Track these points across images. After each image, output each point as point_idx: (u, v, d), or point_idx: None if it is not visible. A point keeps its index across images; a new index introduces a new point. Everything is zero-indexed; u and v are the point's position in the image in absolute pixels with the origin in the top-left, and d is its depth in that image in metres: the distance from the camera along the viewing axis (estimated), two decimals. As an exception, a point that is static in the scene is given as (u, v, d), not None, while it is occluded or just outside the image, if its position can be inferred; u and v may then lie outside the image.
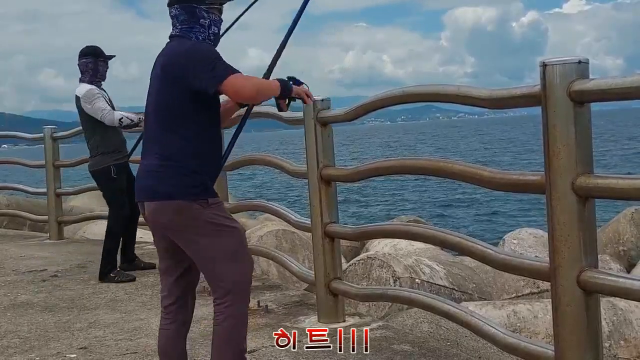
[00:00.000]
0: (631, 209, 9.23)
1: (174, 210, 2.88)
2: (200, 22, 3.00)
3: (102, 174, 6.19)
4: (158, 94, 2.96)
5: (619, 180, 2.62)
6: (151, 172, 2.95)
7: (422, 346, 4.03)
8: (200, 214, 2.89)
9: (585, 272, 2.71)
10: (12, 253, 8.03)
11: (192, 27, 2.99)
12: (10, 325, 4.90)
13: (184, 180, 2.88)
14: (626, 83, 2.54)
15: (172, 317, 3.13)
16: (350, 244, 9.85)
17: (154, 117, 2.98)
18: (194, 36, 2.99)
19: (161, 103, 2.94)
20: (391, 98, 3.87)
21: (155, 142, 2.96)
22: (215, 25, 3.06)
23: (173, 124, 2.90)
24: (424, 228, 4.16)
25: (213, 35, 3.05)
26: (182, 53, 2.89)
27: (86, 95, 6.03)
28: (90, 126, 6.17)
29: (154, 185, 2.92)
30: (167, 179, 2.89)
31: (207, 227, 2.91)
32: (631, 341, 5.27)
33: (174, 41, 3.02)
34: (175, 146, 2.89)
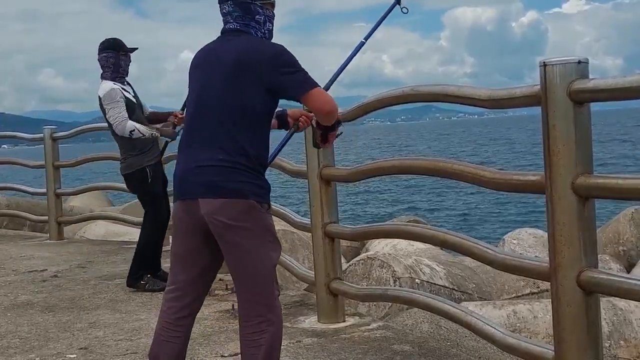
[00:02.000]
0: (631, 209, 9.23)
1: (243, 209, 2.73)
2: (255, 18, 2.91)
3: (136, 177, 5.73)
4: (228, 88, 2.79)
5: (619, 180, 2.63)
6: (213, 167, 2.74)
7: (422, 346, 4.03)
8: (264, 218, 2.80)
9: (585, 272, 2.71)
10: (12, 253, 8.03)
11: (248, 24, 2.90)
12: (10, 326, 4.90)
13: (254, 179, 2.77)
14: (626, 83, 2.54)
15: (183, 331, 2.97)
16: (350, 244, 9.84)
17: (217, 110, 2.79)
18: (253, 32, 2.90)
19: (232, 98, 2.78)
20: (391, 98, 3.88)
21: (216, 138, 2.77)
22: (270, 21, 2.97)
23: (242, 121, 2.77)
24: (424, 228, 4.16)
25: (268, 31, 2.97)
26: (269, 53, 2.79)
27: (106, 97, 5.58)
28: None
29: (220, 181, 2.73)
30: (237, 176, 2.73)
31: (265, 235, 2.81)
32: (631, 341, 5.27)
33: (239, 37, 2.88)
34: (244, 144, 2.76)
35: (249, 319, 2.82)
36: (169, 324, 2.94)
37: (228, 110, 2.78)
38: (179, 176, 2.87)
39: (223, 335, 4.40)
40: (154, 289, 5.65)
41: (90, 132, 9.22)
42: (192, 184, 2.78)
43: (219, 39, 2.96)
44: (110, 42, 5.75)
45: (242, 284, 2.83)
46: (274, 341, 2.82)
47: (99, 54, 5.71)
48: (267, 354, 2.80)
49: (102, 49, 5.70)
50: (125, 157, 5.72)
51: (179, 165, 2.89)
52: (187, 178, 2.81)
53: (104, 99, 5.58)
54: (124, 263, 7.01)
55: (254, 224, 2.76)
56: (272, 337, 2.81)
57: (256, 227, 2.77)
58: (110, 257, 7.46)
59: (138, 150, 5.66)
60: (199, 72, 2.93)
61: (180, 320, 2.95)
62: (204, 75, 2.90)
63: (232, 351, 4.04)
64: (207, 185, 2.74)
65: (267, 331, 2.79)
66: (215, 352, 4.08)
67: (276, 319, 2.83)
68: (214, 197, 2.73)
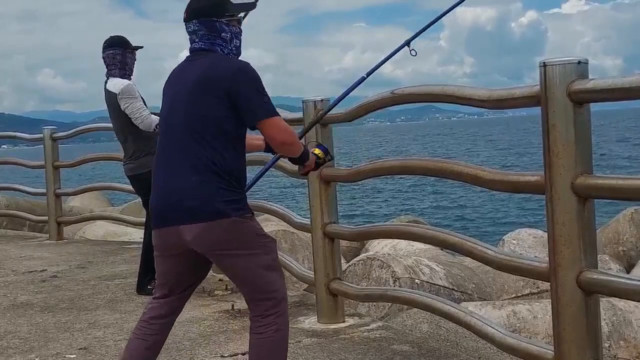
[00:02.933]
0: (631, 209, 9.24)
1: (227, 228, 2.74)
2: (222, 36, 2.88)
3: (144, 178, 5.42)
4: (193, 106, 2.77)
5: (619, 180, 2.63)
6: (190, 190, 2.73)
7: (421, 346, 4.03)
8: (250, 227, 2.81)
9: (585, 272, 2.71)
10: (12, 253, 8.02)
11: (213, 42, 2.87)
12: (9, 326, 4.90)
13: (231, 195, 2.76)
14: (625, 83, 2.54)
15: (156, 330, 2.97)
16: (350, 245, 9.84)
17: (185, 131, 2.77)
18: (219, 49, 2.88)
19: (198, 116, 2.76)
20: (391, 98, 3.88)
21: (187, 159, 2.76)
22: (237, 37, 2.94)
23: (210, 140, 2.74)
24: (424, 228, 4.16)
25: (235, 48, 2.94)
26: (232, 70, 2.77)
27: (124, 91, 5.40)
28: (126, 125, 5.49)
29: (199, 205, 2.72)
30: (215, 196, 2.72)
31: (256, 241, 2.83)
32: (631, 341, 5.28)
33: (204, 56, 2.86)
34: (215, 162, 2.74)
35: (255, 313, 2.89)
36: (143, 323, 2.99)
37: (194, 130, 2.77)
38: (156, 202, 2.85)
39: (223, 335, 4.40)
40: None
41: (90, 132, 9.22)
42: (172, 211, 2.77)
43: (186, 59, 2.95)
44: (115, 39, 5.63)
45: (245, 290, 2.91)
46: (282, 333, 2.92)
47: (104, 51, 5.59)
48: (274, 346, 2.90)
49: (108, 46, 5.58)
50: (135, 156, 5.55)
51: (156, 189, 2.87)
52: (166, 204, 2.80)
53: (121, 94, 5.40)
54: (123, 263, 7.02)
55: (241, 237, 2.79)
56: (279, 330, 2.90)
57: (244, 239, 2.80)
58: (110, 258, 7.46)
59: (148, 151, 5.50)
60: (169, 91, 2.94)
61: (155, 319, 2.98)
62: (171, 94, 2.90)
63: (232, 351, 4.04)
64: (188, 211, 2.73)
65: (273, 323, 2.88)
66: (215, 352, 4.08)
67: (282, 311, 2.91)
68: (197, 222, 2.73)
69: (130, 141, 5.53)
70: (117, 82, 5.47)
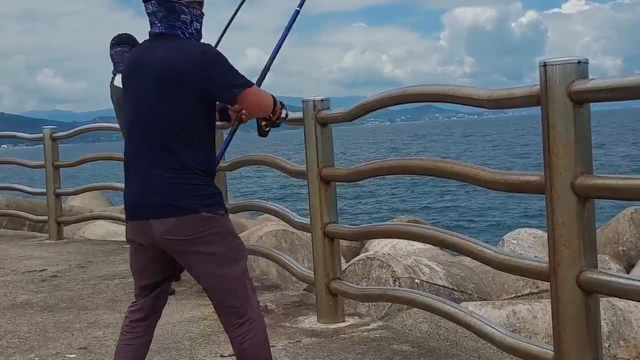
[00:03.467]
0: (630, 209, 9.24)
1: (198, 224, 2.71)
2: (181, 18, 2.80)
3: None
4: (159, 99, 2.72)
5: (618, 180, 2.63)
6: (161, 186, 2.71)
7: (421, 346, 4.03)
8: (221, 224, 2.78)
9: (585, 272, 2.71)
10: (12, 253, 8.02)
11: (173, 25, 2.80)
12: (9, 325, 4.90)
13: (202, 190, 2.73)
14: (625, 83, 2.54)
15: (140, 332, 2.93)
16: (350, 244, 9.85)
17: (150, 124, 2.74)
18: (180, 32, 2.80)
19: (164, 109, 2.71)
20: (391, 98, 3.87)
21: (155, 153, 2.72)
22: (197, 20, 2.86)
23: (180, 131, 2.71)
24: (424, 228, 4.16)
25: (195, 31, 2.85)
26: (196, 56, 2.71)
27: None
28: None
29: (170, 200, 2.69)
30: (186, 192, 2.70)
31: (228, 238, 2.80)
32: (630, 341, 5.28)
33: (164, 41, 2.79)
34: (186, 157, 2.71)
35: (229, 323, 2.83)
36: (126, 327, 2.95)
37: (163, 125, 2.73)
38: (128, 197, 2.84)
39: (222, 335, 4.39)
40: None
41: (90, 132, 9.22)
42: (143, 206, 2.76)
43: (146, 44, 2.89)
44: (124, 36, 5.68)
45: (215, 292, 2.83)
46: (259, 337, 2.85)
47: (111, 48, 5.64)
48: (255, 351, 2.84)
49: (116, 43, 5.63)
50: None
51: (128, 185, 2.85)
52: (136, 199, 2.79)
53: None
54: (123, 263, 7.01)
55: (211, 233, 2.75)
56: (256, 335, 2.84)
57: (215, 235, 2.76)
58: (110, 257, 7.46)
59: None
60: (132, 84, 2.87)
61: (137, 322, 2.94)
62: (136, 88, 2.83)
63: (231, 351, 4.02)
64: (158, 206, 2.71)
65: (250, 330, 2.82)
66: (215, 352, 4.08)
67: (256, 316, 2.84)
68: (166, 217, 2.70)
69: None
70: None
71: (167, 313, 5.00)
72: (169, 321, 4.78)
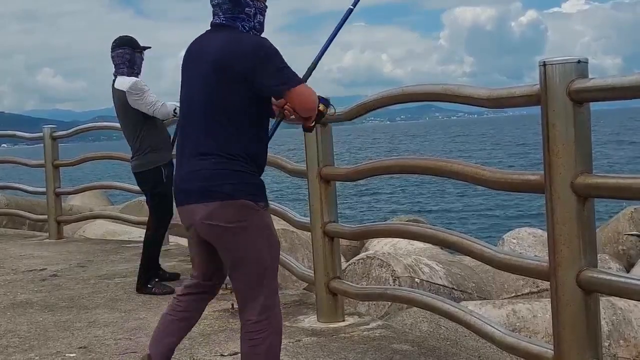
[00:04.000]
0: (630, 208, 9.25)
1: (237, 210, 2.74)
2: (245, 11, 2.86)
3: (152, 175, 5.60)
4: (210, 89, 2.78)
5: (618, 179, 2.63)
6: (205, 171, 2.76)
7: (421, 345, 4.03)
8: (260, 216, 2.79)
9: (585, 271, 2.71)
10: (12, 252, 8.02)
11: (235, 17, 2.85)
12: (9, 325, 4.90)
13: (245, 179, 2.76)
14: (625, 82, 2.54)
15: (184, 307, 3.00)
16: (350, 244, 9.85)
17: (201, 112, 2.80)
18: (240, 26, 2.85)
19: (215, 99, 2.77)
20: (390, 97, 3.88)
21: (204, 140, 2.78)
22: (261, 13, 2.91)
23: (227, 120, 2.76)
24: (424, 227, 4.16)
25: (258, 24, 2.91)
26: (248, 49, 2.74)
27: (133, 87, 5.45)
28: (135, 122, 5.56)
29: (212, 185, 2.73)
30: (227, 178, 2.73)
31: (261, 232, 2.81)
32: (631, 341, 5.28)
33: (222, 32, 2.84)
34: (232, 145, 2.75)
35: (245, 317, 2.84)
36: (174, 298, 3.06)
37: (212, 113, 2.78)
38: (176, 183, 2.90)
39: (223, 334, 4.40)
40: (163, 292, 5.59)
41: (90, 131, 9.22)
42: (187, 191, 2.82)
43: (205, 34, 2.94)
44: (125, 39, 5.71)
45: (240, 283, 2.85)
46: (275, 339, 2.85)
47: (113, 50, 5.66)
48: (268, 351, 2.82)
49: (117, 46, 5.65)
50: (141, 153, 5.62)
51: (176, 171, 2.93)
52: (182, 185, 2.85)
53: (131, 90, 5.47)
54: (123, 262, 7.02)
55: (249, 223, 2.77)
56: (272, 334, 2.83)
57: (251, 226, 2.78)
58: (110, 256, 7.46)
59: (155, 147, 5.63)
60: (186, 73, 2.94)
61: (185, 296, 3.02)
62: (189, 76, 2.91)
63: (231, 350, 4.04)
64: (200, 191, 2.76)
65: (263, 330, 2.81)
66: (215, 352, 4.08)
67: (275, 316, 2.85)
68: (207, 202, 2.75)
69: (138, 138, 5.61)
70: (125, 80, 5.55)
71: (167, 312, 5.01)
72: (169, 320, 4.78)
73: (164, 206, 5.76)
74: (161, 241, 5.87)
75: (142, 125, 5.56)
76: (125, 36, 5.76)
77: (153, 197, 5.77)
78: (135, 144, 5.63)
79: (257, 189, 2.81)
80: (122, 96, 5.53)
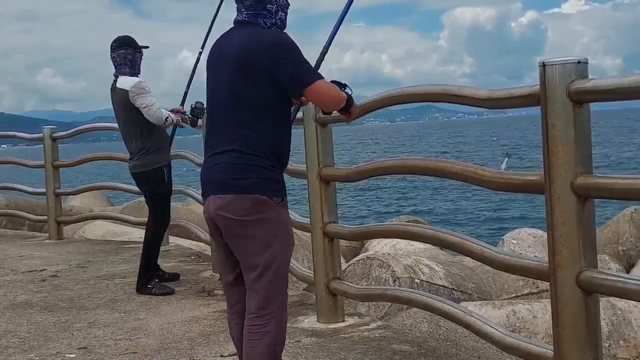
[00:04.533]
0: (630, 209, 9.24)
1: (250, 204, 2.77)
2: (267, 7, 2.90)
3: (153, 175, 5.63)
4: (232, 85, 2.83)
5: (618, 180, 2.63)
6: (224, 164, 2.82)
7: (421, 346, 4.03)
8: (275, 212, 2.82)
9: (585, 272, 2.71)
10: (11, 253, 8.02)
11: (258, 13, 2.89)
12: (9, 325, 4.90)
13: (262, 174, 2.79)
14: (625, 83, 2.54)
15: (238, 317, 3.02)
16: (350, 244, 9.85)
17: (225, 108, 2.85)
18: (262, 22, 2.88)
19: (236, 94, 2.82)
20: (390, 98, 3.87)
21: (228, 135, 2.83)
22: (282, 10, 2.96)
23: (250, 116, 2.80)
24: (423, 228, 4.16)
25: (280, 20, 2.95)
26: (266, 45, 2.77)
27: (136, 87, 5.49)
28: (139, 122, 5.57)
29: (229, 178, 2.79)
30: (244, 172, 2.78)
31: (278, 228, 2.83)
32: (630, 341, 5.28)
33: (246, 29, 2.88)
34: (252, 139, 2.79)
35: (251, 311, 2.87)
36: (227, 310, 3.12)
37: (234, 108, 2.83)
38: (202, 175, 2.97)
39: (222, 335, 4.40)
40: (163, 292, 5.59)
41: (90, 132, 9.22)
42: (208, 183, 2.88)
43: (228, 31, 2.98)
44: (126, 39, 5.74)
45: (249, 277, 2.87)
46: (277, 334, 2.87)
47: (114, 50, 5.67)
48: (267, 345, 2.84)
49: (119, 46, 5.67)
50: (142, 153, 5.63)
51: (203, 164, 3.00)
52: (206, 177, 2.92)
53: (133, 90, 5.50)
54: (123, 263, 7.02)
55: (261, 218, 2.80)
56: (275, 329, 2.86)
57: (264, 221, 2.80)
58: (110, 257, 7.46)
59: (157, 147, 5.66)
60: (210, 70, 2.99)
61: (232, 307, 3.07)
62: (213, 72, 2.95)
63: (231, 351, 4.03)
64: (218, 183, 2.83)
65: (267, 324, 2.84)
66: (215, 352, 4.08)
67: (279, 312, 2.88)
68: (223, 194, 2.81)
69: (139, 138, 5.62)
70: (128, 79, 5.57)
71: (167, 313, 5.01)
72: (169, 321, 4.78)
73: (164, 206, 5.78)
74: (160, 241, 5.88)
75: (146, 125, 5.58)
76: (125, 36, 5.77)
77: (153, 197, 5.78)
78: (138, 144, 5.64)
79: (274, 185, 2.84)
80: (124, 95, 5.55)
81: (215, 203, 2.83)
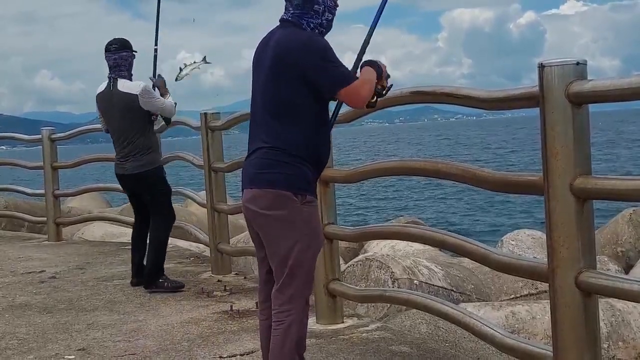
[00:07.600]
0: (629, 210, 9.24)
1: (273, 199, 2.83)
2: (314, 8, 2.93)
3: (154, 174, 5.71)
4: (266, 84, 2.90)
5: (617, 181, 2.63)
6: (256, 159, 2.91)
7: (420, 347, 4.03)
8: (298, 209, 2.84)
9: (584, 273, 2.71)
10: (10, 254, 8.01)
11: (305, 13, 2.92)
12: (8, 327, 4.90)
13: (288, 170, 2.84)
14: (624, 84, 2.54)
15: (266, 314, 3.08)
16: (349, 245, 9.83)
17: (261, 105, 2.93)
18: (305, 22, 2.92)
19: (269, 93, 2.89)
20: (390, 99, 3.87)
21: (261, 131, 2.92)
22: (330, 11, 2.98)
23: (281, 113, 2.86)
24: (423, 229, 4.16)
25: (326, 21, 2.97)
26: (299, 46, 2.83)
27: (146, 92, 5.59)
28: (142, 123, 5.66)
29: (256, 172, 2.88)
30: (271, 167, 2.85)
31: (297, 226, 2.86)
32: (629, 342, 5.28)
33: (285, 29, 2.94)
34: (286, 136, 2.85)
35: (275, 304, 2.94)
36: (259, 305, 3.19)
37: (269, 106, 2.90)
38: (242, 169, 3.06)
39: (222, 336, 4.39)
40: (174, 286, 5.67)
41: (88, 133, 9.21)
42: (243, 177, 2.99)
43: (272, 30, 3.02)
44: (125, 41, 5.79)
45: (275, 272, 2.94)
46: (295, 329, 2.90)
47: (115, 52, 5.68)
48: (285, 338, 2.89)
49: (121, 48, 5.70)
50: (143, 153, 5.67)
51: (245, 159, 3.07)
52: (242, 172, 3.03)
53: (144, 94, 5.59)
54: (122, 264, 7.01)
55: (284, 215, 2.84)
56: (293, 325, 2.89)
57: (287, 218, 2.85)
58: (109, 258, 7.45)
59: (155, 148, 5.77)
60: (254, 67, 3.05)
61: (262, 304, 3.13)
62: (256, 70, 3.02)
63: (230, 352, 4.04)
64: (250, 177, 2.92)
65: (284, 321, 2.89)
66: (214, 353, 4.07)
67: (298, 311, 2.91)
68: (252, 187, 2.90)
69: (136, 139, 5.66)
70: (131, 83, 5.65)
71: (166, 314, 5.01)
72: (168, 322, 4.78)
73: (169, 204, 5.88)
74: (166, 243, 5.93)
75: (147, 126, 5.71)
76: (122, 39, 5.81)
77: (157, 196, 5.81)
78: (136, 146, 5.66)
79: (300, 182, 2.86)
80: (129, 98, 5.60)
81: (245, 196, 2.95)
